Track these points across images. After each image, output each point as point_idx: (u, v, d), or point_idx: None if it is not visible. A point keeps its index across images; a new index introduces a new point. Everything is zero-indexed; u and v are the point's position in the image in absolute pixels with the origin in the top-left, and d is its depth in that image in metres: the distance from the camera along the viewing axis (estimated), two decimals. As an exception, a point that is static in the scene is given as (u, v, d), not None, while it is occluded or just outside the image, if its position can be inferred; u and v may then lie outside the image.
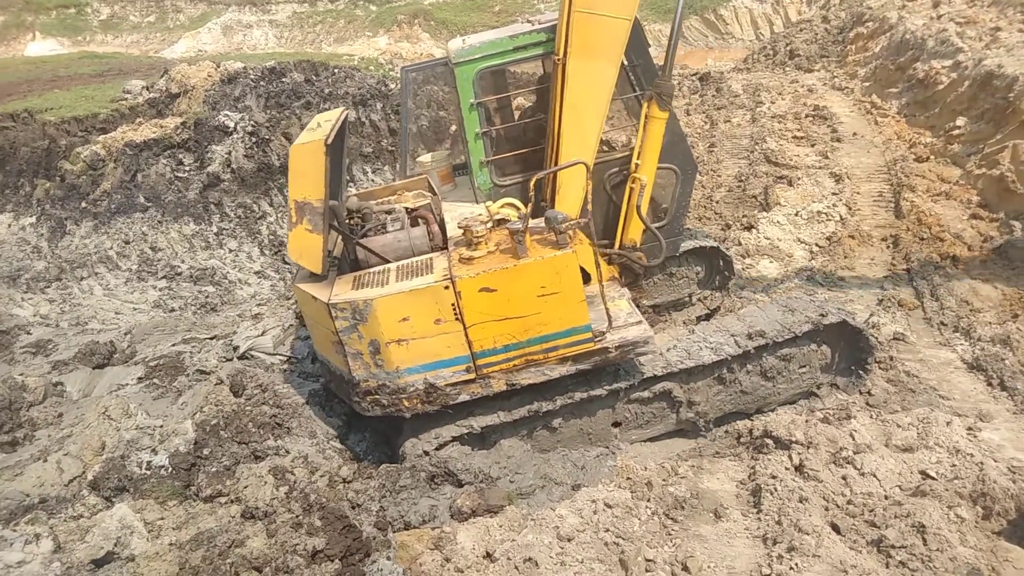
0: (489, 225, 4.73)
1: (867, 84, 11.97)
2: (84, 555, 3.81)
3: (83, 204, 10.95)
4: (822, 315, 5.31)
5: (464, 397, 4.85)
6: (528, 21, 5.51)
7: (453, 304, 4.52)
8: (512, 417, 5.19)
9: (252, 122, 11.47)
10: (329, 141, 4.63)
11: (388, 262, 4.99)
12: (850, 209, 8.44)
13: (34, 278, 9.83)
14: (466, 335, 4.64)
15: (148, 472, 4.60)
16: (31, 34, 27.97)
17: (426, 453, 5.10)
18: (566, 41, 5.02)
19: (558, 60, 5.07)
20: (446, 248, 4.97)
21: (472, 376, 4.78)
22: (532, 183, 4.71)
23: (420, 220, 5.37)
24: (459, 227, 4.79)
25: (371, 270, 4.87)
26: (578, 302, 4.63)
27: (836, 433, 4.83)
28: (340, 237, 5.21)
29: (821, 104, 11.43)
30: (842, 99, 11.88)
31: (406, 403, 4.79)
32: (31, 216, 11.07)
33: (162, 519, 4.25)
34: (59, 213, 10.91)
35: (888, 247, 7.67)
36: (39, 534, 3.89)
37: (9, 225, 11.16)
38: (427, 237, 5.20)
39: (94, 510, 4.31)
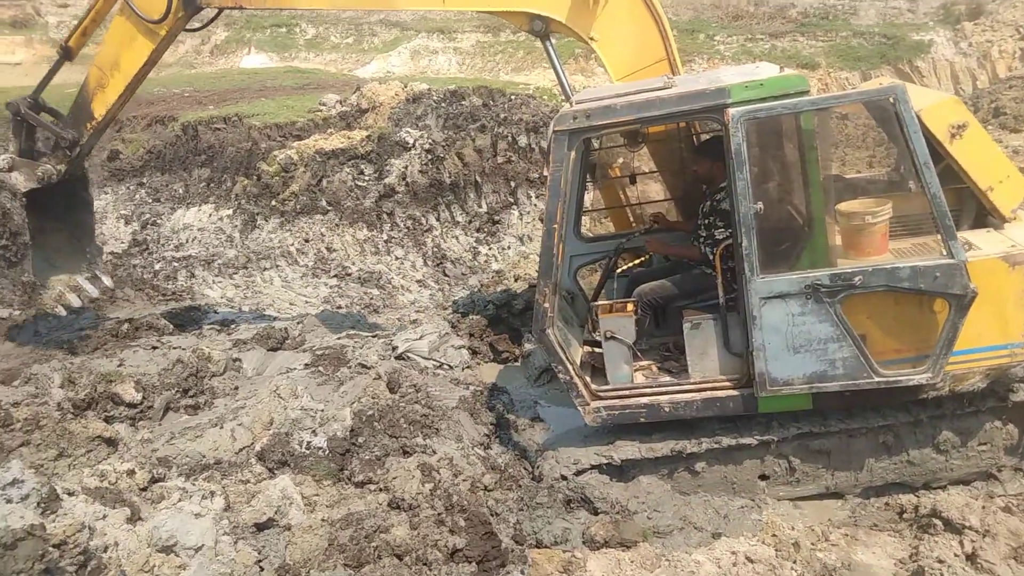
0: None
1: (1086, 149, 10.81)
2: (249, 517, 4.15)
3: (273, 202, 11.99)
4: (1011, 390, 4.82)
5: None
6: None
7: None
8: (653, 453, 5.10)
9: (430, 140, 12.10)
10: None
11: None
12: (1054, 283, 7.61)
13: (225, 264, 10.87)
14: None
15: (308, 451, 4.93)
16: (247, 48, 31.19)
17: (564, 478, 5.10)
18: None
19: None
20: None
21: None
22: None
23: None
24: None
25: None
26: None
27: (1019, 526, 4.35)
28: None
29: (1027, 167, 10.43)
30: (1053, 163, 10.78)
31: None
32: (229, 209, 12.26)
33: (317, 495, 4.54)
34: (252, 208, 12.00)
35: (1098, 329, 6.83)
36: (213, 492, 4.28)
37: (210, 215, 12.43)
38: None
39: (259, 478, 4.68)
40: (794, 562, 4.31)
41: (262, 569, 3.87)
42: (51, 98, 6.88)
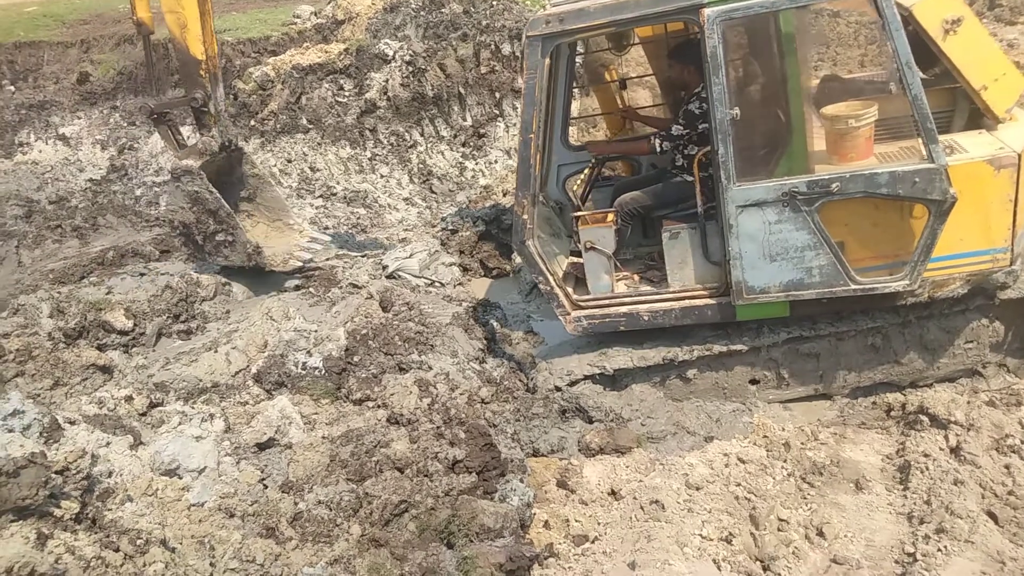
0: None
1: (1082, 41, 10.59)
2: (249, 438, 4.20)
3: (252, 122, 11.64)
4: (1000, 288, 4.87)
5: None
6: None
7: None
8: (645, 362, 5.17)
9: (410, 51, 11.67)
10: None
11: None
12: (1043, 180, 7.59)
13: (207, 188, 10.63)
14: None
15: (304, 371, 4.96)
16: (213, -41, 29.74)
17: (558, 388, 5.18)
18: None
19: None
20: None
21: None
22: None
23: None
24: None
25: None
26: None
27: (1002, 419, 4.48)
28: None
29: (1023, 62, 10.23)
30: (1048, 57, 10.58)
31: None
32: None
33: (316, 414, 4.60)
34: (231, 129, 11.65)
35: (1086, 226, 6.86)
36: (213, 414, 4.33)
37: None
38: None
39: (257, 399, 4.72)
40: (784, 461, 4.45)
41: (266, 487, 3.95)
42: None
